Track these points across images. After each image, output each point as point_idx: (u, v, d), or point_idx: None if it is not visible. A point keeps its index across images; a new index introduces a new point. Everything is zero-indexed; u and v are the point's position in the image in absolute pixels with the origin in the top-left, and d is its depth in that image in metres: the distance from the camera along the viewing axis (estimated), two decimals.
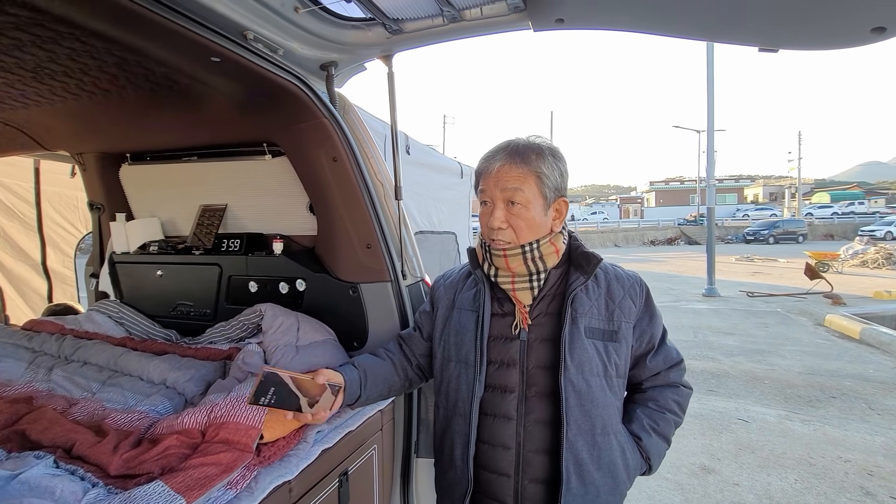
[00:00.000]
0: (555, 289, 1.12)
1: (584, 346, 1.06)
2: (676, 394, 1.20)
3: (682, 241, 30.56)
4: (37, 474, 0.91)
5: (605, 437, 1.07)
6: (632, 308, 1.12)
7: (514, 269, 1.08)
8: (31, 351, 1.70)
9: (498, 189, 1.06)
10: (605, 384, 1.08)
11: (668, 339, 1.21)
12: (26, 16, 1.08)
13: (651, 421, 1.16)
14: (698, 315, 8.60)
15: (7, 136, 2.11)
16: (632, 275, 1.18)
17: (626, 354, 1.12)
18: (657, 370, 1.18)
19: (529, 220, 1.05)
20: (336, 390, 1.07)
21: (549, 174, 1.06)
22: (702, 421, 4.13)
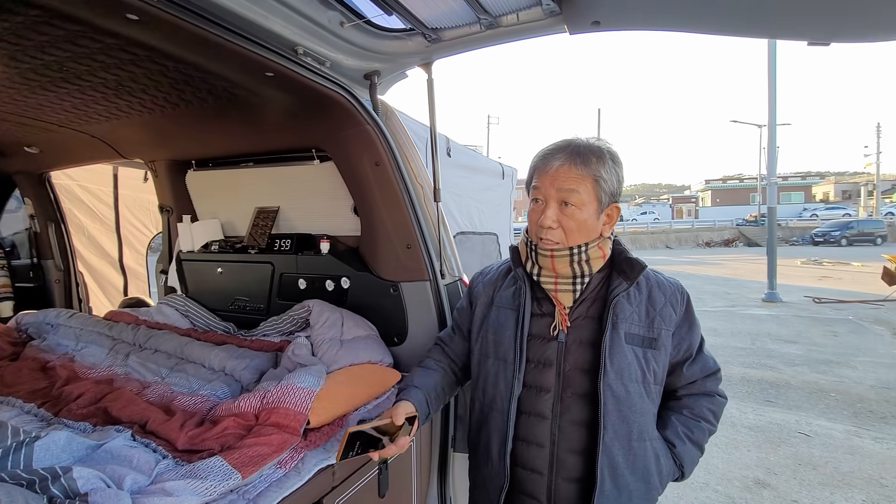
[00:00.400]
0: (595, 292, 1.12)
1: (623, 352, 1.06)
2: (712, 403, 1.18)
3: (741, 242, 28.74)
4: (117, 445, 1.04)
5: (640, 442, 1.07)
6: (672, 316, 1.11)
7: (558, 271, 1.09)
8: (111, 339, 1.90)
9: (553, 188, 1.05)
10: (643, 391, 1.08)
11: (705, 347, 1.19)
12: (112, 42, 1.23)
13: (685, 428, 1.15)
14: (757, 321, 8.10)
15: (94, 147, 2.37)
16: (673, 282, 1.16)
17: (664, 362, 1.11)
18: (693, 378, 1.16)
19: (581, 223, 1.05)
20: (412, 420, 1.08)
21: (607, 179, 1.04)
22: (757, 433, 3.91)
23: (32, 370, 1.71)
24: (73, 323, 2.06)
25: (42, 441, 1.00)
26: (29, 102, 1.80)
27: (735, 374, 5.37)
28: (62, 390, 1.47)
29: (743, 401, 4.59)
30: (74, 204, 3.63)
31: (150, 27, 1.01)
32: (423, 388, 1.20)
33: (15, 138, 2.40)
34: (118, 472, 0.93)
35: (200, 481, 0.91)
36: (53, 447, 1.01)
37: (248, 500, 0.95)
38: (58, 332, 2.05)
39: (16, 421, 1.24)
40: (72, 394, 1.41)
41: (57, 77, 1.51)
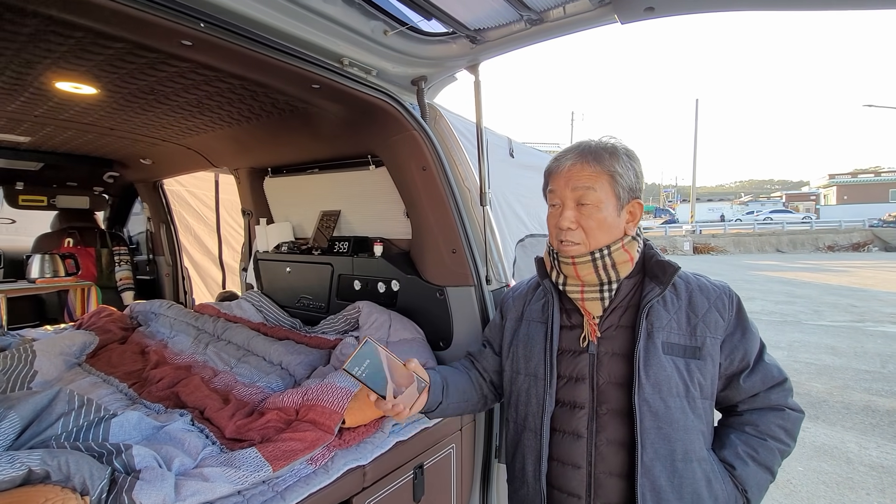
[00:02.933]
0: (627, 300, 1.04)
1: (661, 364, 0.97)
2: (781, 418, 1.03)
3: (876, 246, 24.52)
4: (176, 428, 1.17)
5: (686, 463, 0.96)
6: (719, 321, 1.00)
7: (583, 278, 1.03)
8: (196, 329, 2.14)
9: (568, 188, 1.01)
10: (687, 405, 0.97)
11: (766, 355, 1.05)
12: (183, 66, 1.38)
13: (748, 448, 1.01)
14: (891, 340, 6.87)
15: (191, 158, 2.69)
16: (720, 285, 1.04)
17: (712, 373, 0.99)
18: (754, 391, 1.03)
19: (601, 221, 1.00)
20: (421, 387, 1.04)
21: (623, 173, 0.99)
22: (882, 474, 3.30)
23: (134, 353, 1.97)
24: (170, 313, 2.34)
25: (118, 419, 1.15)
26: (136, 121, 2.09)
27: (857, 401, 4.60)
28: (150, 373, 1.68)
29: (865, 434, 3.92)
30: (183, 207, 4.14)
31: (203, 51, 1.12)
32: (444, 377, 1.17)
33: (132, 152, 2.81)
34: (171, 453, 1.04)
35: (234, 470, 0.98)
36: (126, 425, 1.15)
37: (276, 492, 1.00)
38: (158, 321, 2.35)
39: (108, 399, 1.44)
40: (155, 377, 1.61)
41: (151, 99, 1.73)
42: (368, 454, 1.20)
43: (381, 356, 0.97)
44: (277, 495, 0.99)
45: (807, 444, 3.76)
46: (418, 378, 1.03)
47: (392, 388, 0.98)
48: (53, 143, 2.53)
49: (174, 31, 0.98)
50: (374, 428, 1.28)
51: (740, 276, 14.75)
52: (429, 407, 1.10)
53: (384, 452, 1.24)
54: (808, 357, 6.13)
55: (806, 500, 3.02)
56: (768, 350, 1.08)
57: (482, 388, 1.26)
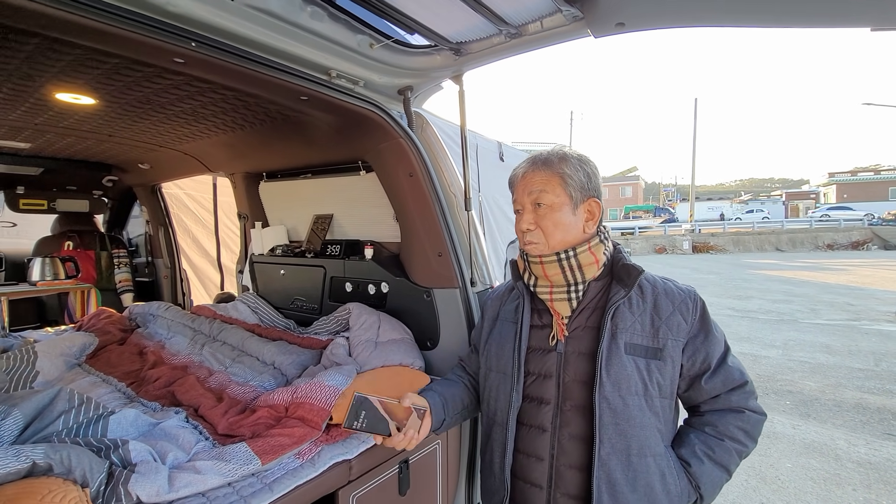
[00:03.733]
0: (595, 302, 1.10)
1: (622, 363, 1.03)
2: (740, 419, 1.08)
3: (875, 245, 24.54)
4: (171, 424, 1.23)
5: (641, 458, 1.02)
6: (682, 325, 1.05)
7: (552, 279, 1.09)
8: (192, 330, 2.20)
9: (525, 193, 1.10)
10: (645, 404, 1.03)
11: (730, 358, 1.10)
12: (178, 79, 1.44)
13: (705, 447, 1.07)
14: (886, 339, 6.92)
15: (188, 163, 2.75)
16: (686, 289, 1.10)
17: (671, 374, 1.05)
18: (715, 392, 1.08)
19: (556, 221, 1.07)
20: (422, 413, 1.11)
21: (572, 174, 1.07)
22: (869, 470, 3.36)
23: (132, 353, 2.04)
24: (167, 315, 2.41)
25: (116, 416, 1.22)
26: (134, 129, 2.15)
27: (848, 399, 4.66)
28: (147, 373, 1.74)
29: (854, 431, 3.97)
30: (182, 210, 4.20)
31: (195, 67, 1.18)
32: (441, 393, 1.23)
33: (131, 157, 2.87)
34: (165, 447, 1.10)
35: (225, 463, 1.04)
36: (124, 421, 1.22)
37: (265, 484, 1.06)
38: (156, 322, 2.41)
39: (107, 398, 1.50)
40: (152, 377, 1.67)
41: (148, 108, 1.80)
42: (354, 449, 1.26)
43: (375, 402, 1.04)
44: (266, 487, 1.05)
45: (797, 441, 3.82)
46: (417, 407, 1.10)
47: (394, 426, 1.05)
48: (53, 149, 2.59)
49: (167, 50, 1.04)
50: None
51: (739, 275, 14.79)
52: (434, 426, 1.17)
53: (370, 447, 1.29)
54: (803, 355, 6.18)
55: (794, 496, 3.08)
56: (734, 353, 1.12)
57: (477, 392, 1.32)
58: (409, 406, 1.09)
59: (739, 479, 3.26)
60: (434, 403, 1.17)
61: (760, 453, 3.60)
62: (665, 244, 25.85)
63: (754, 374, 5.41)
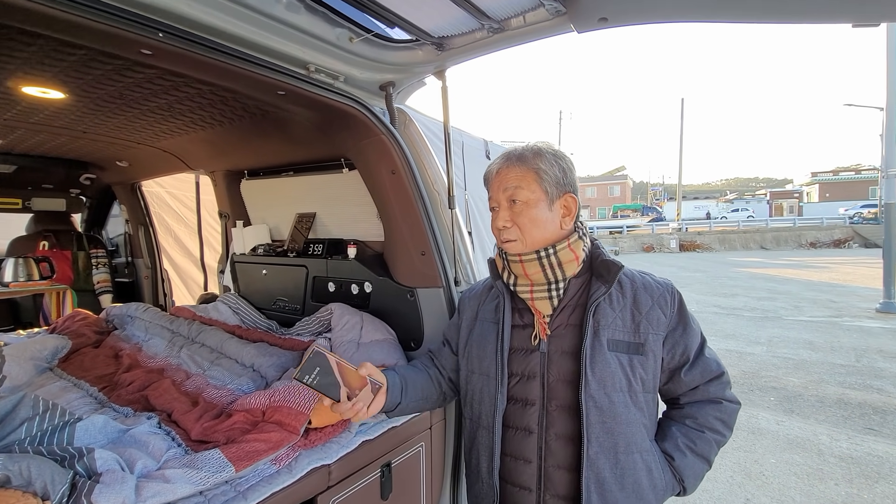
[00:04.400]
0: (576, 299, 1.08)
1: (606, 360, 1.01)
2: (718, 410, 1.09)
3: (856, 243, 25.08)
4: (142, 431, 1.18)
5: (628, 455, 1.02)
6: (661, 318, 1.05)
7: (532, 277, 1.08)
8: (171, 332, 2.14)
9: (500, 190, 1.08)
10: (630, 400, 1.02)
11: (707, 350, 1.10)
12: (150, 73, 1.39)
13: (687, 440, 1.07)
14: (866, 335, 7.06)
15: (167, 160, 2.68)
16: (663, 283, 1.09)
17: (654, 368, 1.05)
18: (694, 384, 1.09)
19: (532, 217, 1.05)
20: (376, 388, 1.06)
21: (546, 169, 1.05)
22: (851, 465, 3.41)
23: (107, 357, 1.97)
24: (145, 316, 2.34)
25: (83, 423, 1.16)
26: (109, 125, 2.08)
27: (830, 394, 4.73)
28: (121, 377, 1.68)
29: (836, 426, 4.03)
30: (163, 209, 4.11)
31: (164, 59, 1.13)
32: (402, 376, 1.19)
33: (108, 154, 2.79)
34: (134, 455, 1.05)
35: (196, 471, 1.00)
36: (92, 429, 1.16)
37: (238, 492, 1.02)
38: (134, 324, 2.35)
39: (76, 403, 1.44)
40: (126, 380, 1.62)
41: (120, 103, 1.74)
42: (334, 454, 1.23)
43: (331, 362, 0.99)
44: (239, 495, 1.01)
45: (781, 437, 3.86)
46: (373, 380, 1.05)
47: (345, 392, 0.99)
48: (25, 146, 2.51)
49: (133, 40, 1.00)
50: (340, 428, 1.30)
51: (725, 274, 14.99)
52: (388, 407, 1.11)
53: (350, 451, 1.26)
54: (787, 352, 6.27)
55: (777, 491, 3.11)
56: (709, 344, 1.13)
57: (441, 385, 1.29)
58: (366, 377, 1.03)
59: (725, 475, 3.29)
60: (393, 384, 1.12)
61: (746, 449, 3.64)
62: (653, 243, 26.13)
63: (740, 371, 5.48)
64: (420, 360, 1.35)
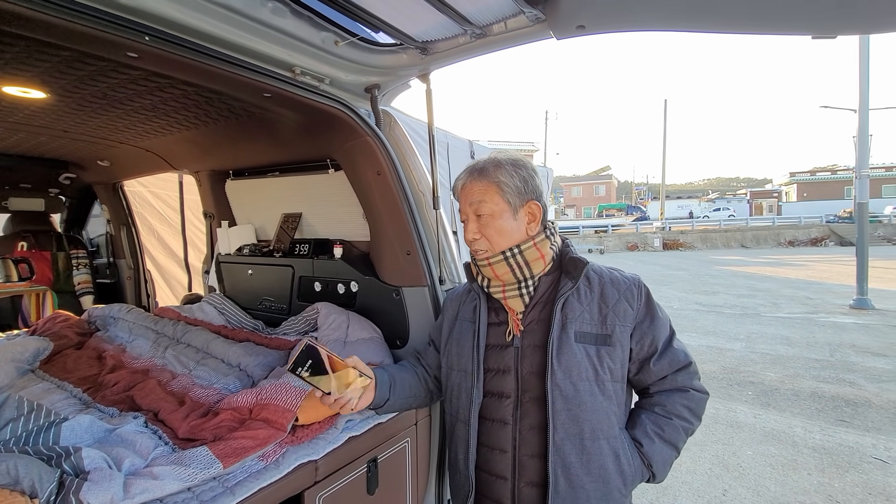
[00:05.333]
0: (546, 295, 1.14)
1: (572, 351, 1.07)
2: (686, 398, 1.14)
3: (832, 241, 25.81)
4: (128, 430, 1.19)
5: (594, 441, 1.06)
6: (628, 311, 1.10)
7: (502, 278, 1.13)
8: (155, 332, 2.13)
9: (467, 204, 1.14)
10: (597, 389, 1.07)
11: (675, 341, 1.15)
12: (135, 73, 1.39)
13: (655, 426, 1.12)
14: (840, 330, 7.29)
15: (150, 160, 2.66)
16: (630, 277, 1.15)
17: (622, 358, 1.10)
18: (663, 374, 1.14)
19: (498, 228, 1.11)
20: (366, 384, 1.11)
21: (507, 181, 1.10)
22: (823, 455, 3.54)
23: (90, 358, 1.96)
24: (129, 317, 2.32)
25: (69, 423, 1.17)
26: (91, 124, 2.07)
27: (805, 388, 4.89)
28: (105, 378, 1.68)
29: (810, 418, 4.18)
30: (146, 209, 4.05)
31: (150, 62, 1.14)
32: (391, 374, 1.25)
33: (89, 154, 2.75)
34: (121, 454, 1.06)
35: (184, 468, 1.02)
36: (78, 428, 1.17)
37: (226, 488, 1.04)
38: (117, 325, 2.33)
39: (61, 404, 1.44)
40: (110, 381, 1.61)
41: (104, 103, 1.73)
42: (321, 449, 1.25)
43: (322, 355, 1.02)
44: (227, 490, 1.03)
45: (757, 429, 3.98)
46: (362, 374, 1.09)
47: (336, 386, 1.03)
48: (4, 144, 2.47)
49: (118, 43, 1.01)
50: (327, 424, 1.33)
51: (706, 272, 15.30)
52: (376, 403, 1.18)
53: (337, 447, 1.28)
54: (765, 347, 6.45)
55: (754, 481, 3.21)
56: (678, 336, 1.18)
57: (427, 384, 1.34)
58: (355, 369, 1.08)
59: (704, 467, 3.38)
60: (382, 380, 1.19)
61: (724, 442, 3.75)
62: (637, 242, 26.51)
63: (719, 367, 5.62)
64: (408, 360, 1.40)
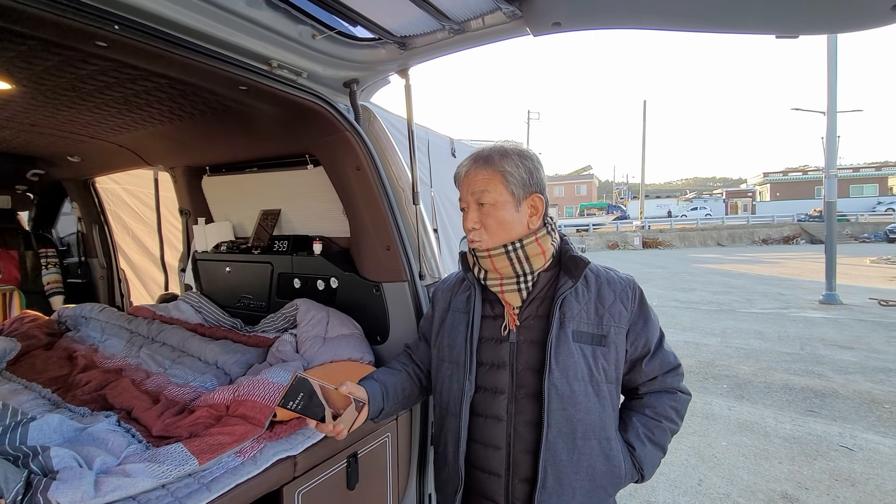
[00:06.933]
0: (544, 292, 1.13)
1: (570, 350, 1.06)
2: (674, 400, 1.16)
3: (803, 239, 26.70)
4: (100, 429, 1.16)
5: (585, 441, 1.07)
6: (622, 312, 1.10)
7: (501, 271, 1.11)
8: (129, 332, 2.08)
9: (468, 192, 1.11)
10: (591, 389, 1.07)
11: (665, 343, 1.17)
12: (104, 64, 1.36)
13: (646, 430, 1.14)
14: (810, 325, 7.55)
15: (123, 155, 2.59)
16: (625, 278, 1.15)
17: (615, 359, 1.10)
18: (653, 375, 1.15)
19: (500, 219, 1.08)
20: (360, 406, 1.08)
21: (513, 171, 1.07)
22: (793, 444, 3.66)
23: (60, 358, 1.90)
24: (101, 317, 2.26)
25: (37, 422, 1.14)
26: (60, 118, 2.00)
27: (777, 380, 5.05)
28: (76, 377, 1.63)
29: (781, 409, 4.32)
30: (119, 207, 3.94)
31: (121, 52, 1.11)
32: (382, 382, 1.22)
33: (58, 149, 2.66)
34: (92, 452, 1.04)
35: (158, 465, 1.00)
36: (46, 428, 1.14)
37: (202, 484, 1.03)
38: (89, 325, 2.27)
39: (28, 404, 1.40)
40: (82, 381, 1.57)
41: (73, 95, 1.68)
42: (299, 445, 1.24)
43: (315, 386, 1.02)
44: (203, 487, 1.02)
45: (731, 421, 4.10)
46: (356, 398, 1.07)
47: (330, 413, 1.03)
48: None
49: (87, 32, 0.98)
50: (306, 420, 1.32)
51: (685, 269, 15.65)
52: (372, 415, 1.15)
53: (316, 443, 1.28)
54: (739, 342, 6.63)
55: (727, 471, 3.31)
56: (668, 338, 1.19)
57: (421, 381, 1.32)
58: (349, 396, 1.07)
59: (680, 458, 3.46)
60: (374, 393, 1.16)
61: (700, 434, 3.84)
62: (617, 240, 26.96)
63: (696, 361, 5.76)
64: (398, 359, 1.37)
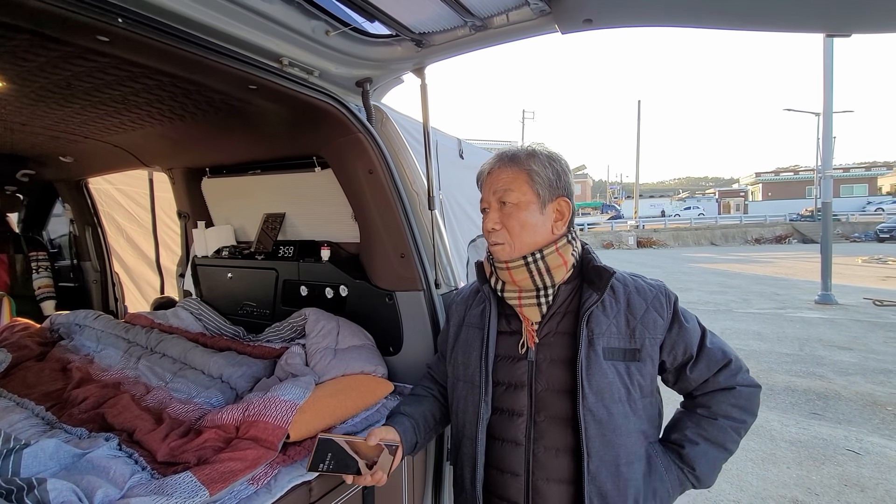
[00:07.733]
0: (566, 306, 1.05)
1: (603, 371, 0.98)
2: (732, 396, 1.05)
3: (796, 239, 26.94)
4: (100, 455, 1.08)
5: (629, 466, 0.99)
6: (657, 321, 1.02)
7: (520, 284, 1.04)
8: (126, 341, 1.99)
9: (491, 192, 1.05)
10: (629, 409, 1.00)
11: (709, 341, 1.08)
12: (104, 61, 1.27)
13: (698, 428, 1.05)
14: (807, 325, 7.57)
15: (118, 156, 2.49)
16: (656, 285, 1.07)
17: (651, 373, 1.03)
18: (703, 378, 1.06)
19: (522, 220, 1.01)
20: (393, 450, 1.03)
21: (539, 171, 1.02)
22: (800, 448, 3.64)
23: (54, 371, 1.81)
24: (97, 325, 2.17)
25: (31, 449, 1.05)
26: (53, 117, 1.90)
27: (779, 382, 5.04)
28: (72, 393, 1.54)
29: (785, 412, 4.29)
30: (113, 208, 3.82)
31: (123, 48, 1.03)
32: (411, 415, 1.15)
33: (50, 149, 2.56)
34: (93, 483, 0.95)
35: (166, 498, 0.92)
36: (41, 455, 1.05)
37: None
38: (83, 334, 2.17)
39: (21, 424, 1.30)
40: (78, 397, 1.48)
41: (68, 94, 1.58)
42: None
43: (341, 443, 0.97)
44: None
45: None
46: (387, 443, 1.02)
47: (364, 464, 0.98)
48: None
49: (87, 25, 0.90)
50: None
51: (680, 269, 15.71)
52: (407, 452, 1.09)
53: None
54: (738, 343, 6.62)
55: (736, 476, 3.27)
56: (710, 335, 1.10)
57: (447, 400, 1.24)
58: (379, 443, 1.00)
59: None
60: (404, 429, 1.09)
61: None
62: (612, 240, 27.05)
63: None
64: (421, 384, 1.30)
